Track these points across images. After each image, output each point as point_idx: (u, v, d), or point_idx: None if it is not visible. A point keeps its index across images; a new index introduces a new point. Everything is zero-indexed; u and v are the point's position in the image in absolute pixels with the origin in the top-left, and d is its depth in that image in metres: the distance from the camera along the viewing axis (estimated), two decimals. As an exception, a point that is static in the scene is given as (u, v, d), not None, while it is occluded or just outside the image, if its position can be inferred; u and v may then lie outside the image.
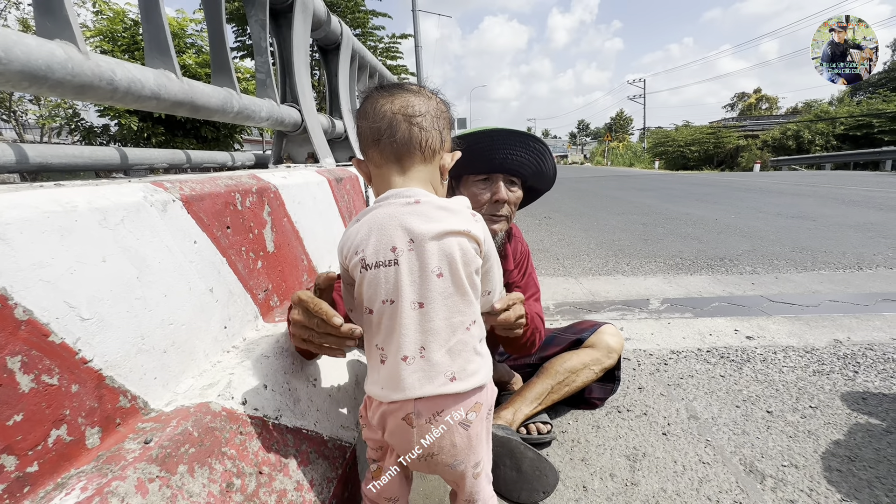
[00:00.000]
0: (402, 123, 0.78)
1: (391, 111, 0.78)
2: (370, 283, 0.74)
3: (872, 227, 4.39)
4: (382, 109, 0.79)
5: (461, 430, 0.76)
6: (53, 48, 0.88)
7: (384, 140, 0.78)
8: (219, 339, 1.00)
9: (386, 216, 0.75)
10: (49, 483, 0.60)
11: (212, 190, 1.03)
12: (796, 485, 1.08)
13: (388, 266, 0.73)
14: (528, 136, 1.23)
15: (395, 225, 0.74)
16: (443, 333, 0.74)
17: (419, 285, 0.73)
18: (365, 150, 0.82)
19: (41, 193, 0.67)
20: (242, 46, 13.38)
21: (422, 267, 0.73)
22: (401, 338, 0.73)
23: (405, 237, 0.73)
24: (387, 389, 0.74)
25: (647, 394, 1.54)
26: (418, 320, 0.73)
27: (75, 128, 8.56)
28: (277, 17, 2.38)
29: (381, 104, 0.79)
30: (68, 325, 0.64)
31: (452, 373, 0.74)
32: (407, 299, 0.73)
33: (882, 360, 1.71)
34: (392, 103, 0.79)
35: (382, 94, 0.80)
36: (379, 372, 0.76)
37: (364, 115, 0.80)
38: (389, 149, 0.79)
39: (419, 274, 0.73)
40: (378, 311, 0.74)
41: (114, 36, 7.98)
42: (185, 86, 1.36)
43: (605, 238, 4.46)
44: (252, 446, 0.84)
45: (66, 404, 0.63)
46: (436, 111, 0.81)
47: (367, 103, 0.81)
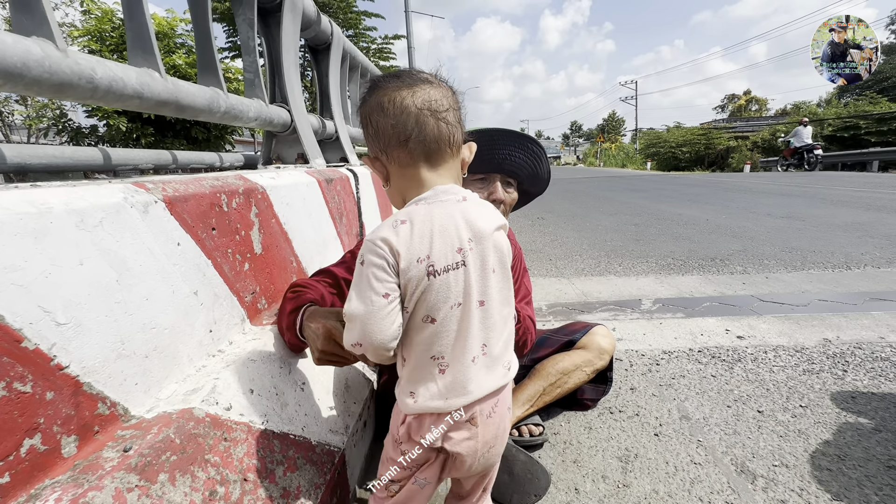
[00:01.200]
0: (429, 119, 0.72)
1: (415, 106, 0.72)
2: (438, 289, 0.69)
3: (860, 227, 4.44)
4: (404, 104, 0.72)
5: (507, 414, 0.80)
6: (30, 45, 0.86)
7: (413, 139, 0.72)
8: (204, 342, 0.98)
9: (444, 216, 0.71)
10: (22, 494, 0.57)
11: (196, 191, 1.01)
12: (787, 484, 1.08)
13: (456, 268, 0.70)
14: (527, 138, 1.23)
15: (456, 224, 0.71)
16: (498, 327, 0.75)
17: (481, 283, 0.72)
18: (386, 149, 0.74)
19: (14, 194, 0.65)
20: (233, 47, 13.28)
21: (483, 264, 0.73)
22: (468, 340, 0.72)
23: (466, 236, 0.71)
24: (451, 398, 0.72)
25: (639, 394, 1.54)
26: (481, 318, 0.73)
27: (63, 128, 8.44)
28: (266, 17, 2.35)
29: (400, 98, 0.72)
30: (42, 330, 0.62)
31: (507, 362, 0.77)
32: (474, 299, 0.72)
33: (870, 359, 1.72)
34: (414, 97, 0.72)
35: (399, 86, 0.73)
36: (437, 382, 0.72)
37: (381, 110, 0.72)
38: (420, 148, 0.73)
39: (481, 272, 0.72)
40: (444, 318, 0.70)
41: (102, 36, 7.89)
42: (169, 85, 1.33)
43: (598, 238, 4.47)
44: (237, 453, 0.82)
45: (40, 412, 0.61)
46: (454, 103, 0.77)
47: (382, 96, 0.73)
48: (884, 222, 4.67)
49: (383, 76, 0.77)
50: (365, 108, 0.76)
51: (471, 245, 0.71)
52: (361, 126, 0.78)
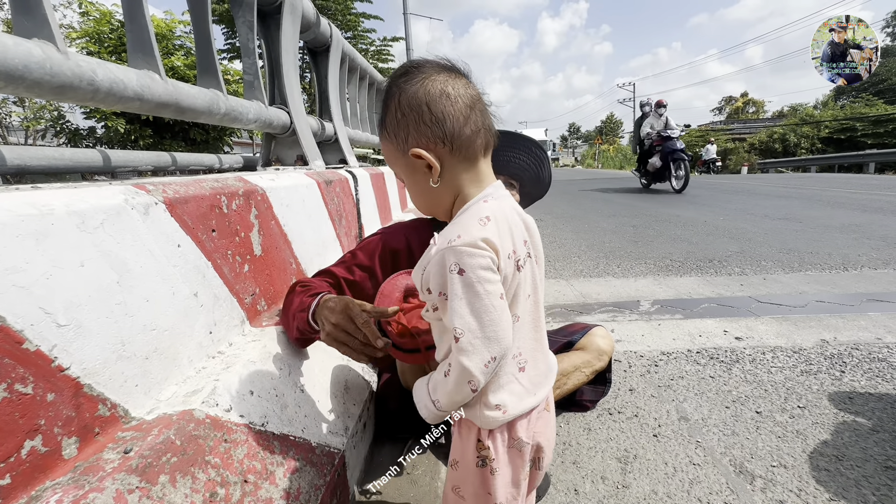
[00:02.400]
0: (486, 112, 0.71)
1: (476, 96, 0.69)
2: (521, 283, 0.67)
3: (857, 229, 4.46)
4: (470, 93, 0.68)
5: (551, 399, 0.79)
6: (31, 47, 0.86)
7: (483, 132, 0.69)
8: (203, 344, 0.98)
9: (510, 210, 0.69)
10: (22, 496, 0.57)
11: (196, 192, 1.01)
12: (785, 485, 1.09)
13: (529, 259, 0.70)
14: (531, 142, 1.23)
15: (518, 220, 0.71)
16: (542, 318, 0.75)
17: (538, 285, 0.73)
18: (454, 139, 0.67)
19: (16, 196, 0.65)
20: (233, 48, 13.28)
21: (538, 255, 0.74)
22: (541, 330, 0.73)
23: (525, 231, 0.71)
24: (532, 393, 0.70)
25: (637, 395, 1.54)
26: (532, 322, 0.73)
27: (60, 130, 8.43)
28: (265, 19, 2.36)
29: (463, 88, 0.68)
30: (44, 331, 0.62)
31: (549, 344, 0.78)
32: (540, 289, 0.73)
33: (868, 360, 1.73)
34: (471, 89, 0.69)
35: (455, 75, 0.69)
36: (521, 382, 0.69)
37: (448, 98, 0.67)
38: (485, 137, 0.70)
39: (540, 276, 0.74)
40: (523, 312, 0.69)
41: (100, 37, 7.88)
42: (169, 87, 1.33)
43: (596, 240, 4.48)
44: (237, 454, 0.82)
45: (41, 414, 0.61)
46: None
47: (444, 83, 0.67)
48: (880, 224, 4.70)
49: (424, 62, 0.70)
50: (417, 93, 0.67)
51: (526, 237, 0.71)
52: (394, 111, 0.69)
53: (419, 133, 0.67)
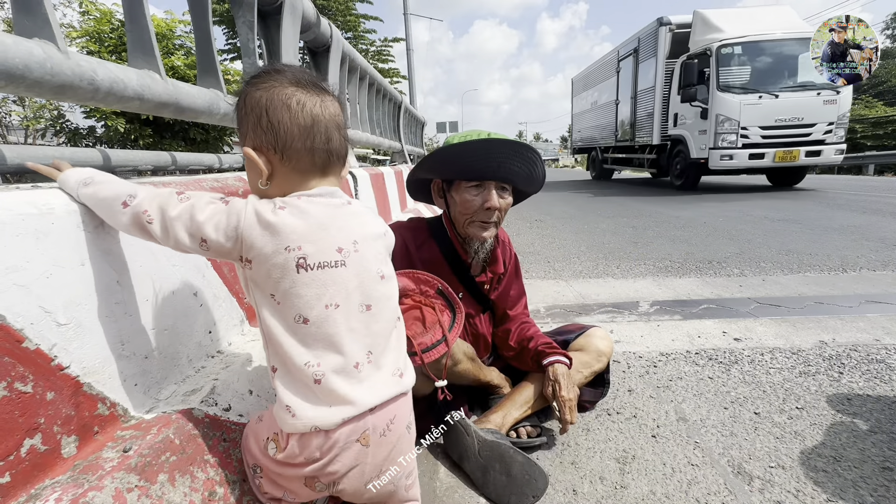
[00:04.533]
0: (334, 133, 0.73)
1: (324, 117, 0.72)
2: (312, 285, 0.67)
3: (856, 230, 4.47)
4: (314, 113, 0.71)
5: (407, 434, 0.75)
6: (32, 47, 0.86)
7: (319, 150, 0.72)
8: (203, 343, 0.98)
9: (327, 216, 0.71)
10: (22, 494, 0.58)
11: (196, 192, 1.01)
12: (783, 486, 1.09)
13: (335, 267, 0.68)
14: (522, 146, 1.22)
15: (339, 225, 0.71)
16: (385, 333, 0.74)
17: (367, 286, 0.72)
18: (284, 149, 0.70)
19: (16, 195, 0.66)
20: (233, 49, 13.29)
21: (367, 268, 0.72)
22: (350, 344, 0.69)
23: (350, 238, 0.71)
24: (335, 408, 0.67)
25: (636, 396, 1.55)
26: (366, 323, 0.71)
27: (60, 129, 8.43)
28: (266, 19, 2.36)
29: (311, 105, 0.71)
30: (43, 330, 0.62)
31: (398, 369, 0.74)
32: (355, 301, 0.70)
33: (866, 361, 1.73)
34: (323, 108, 0.72)
35: (307, 91, 0.72)
36: (315, 393, 0.67)
37: (287, 109, 0.70)
38: (323, 157, 0.73)
39: (366, 275, 0.72)
40: (318, 318, 0.67)
41: (101, 37, 7.89)
42: (169, 87, 1.34)
43: (596, 241, 4.48)
44: (236, 454, 0.82)
45: (40, 412, 0.61)
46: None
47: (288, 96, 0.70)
48: (879, 225, 4.70)
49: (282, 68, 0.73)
50: (261, 97, 0.70)
51: (355, 247, 0.71)
52: (240, 108, 0.73)
53: (255, 134, 0.71)
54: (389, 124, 6.13)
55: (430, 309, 1.12)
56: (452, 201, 1.30)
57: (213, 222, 0.67)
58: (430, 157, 1.27)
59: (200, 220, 0.67)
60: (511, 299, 1.50)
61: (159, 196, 0.68)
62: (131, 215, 0.67)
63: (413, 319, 1.10)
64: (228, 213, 0.68)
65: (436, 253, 1.35)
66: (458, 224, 1.31)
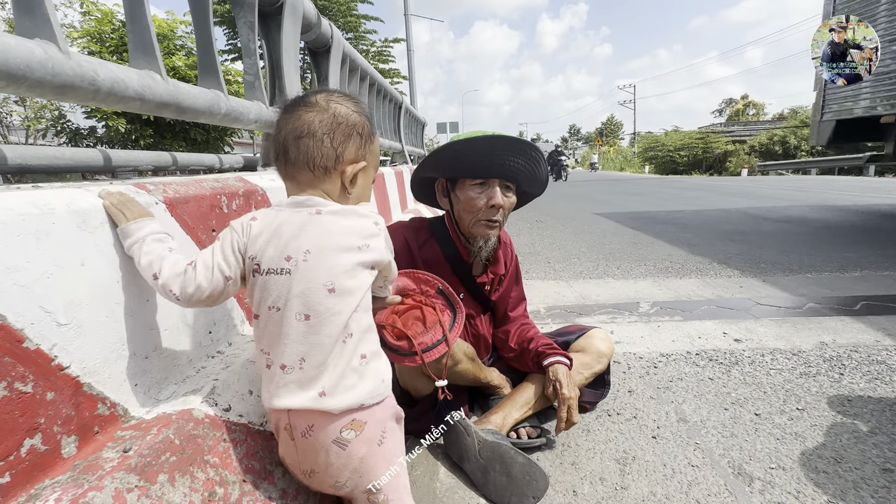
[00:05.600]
0: (291, 145, 0.79)
1: (284, 133, 0.80)
2: (261, 288, 0.75)
3: (856, 231, 4.46)
4: (282, 131, 0.81)
5: (335, 448, 0.75)
6: (33, 47, 0.86)
7: (280, 160, 0.82)
8: (203, 344, 0.98)
9: (285, 223, 0.76)
10: (22, 494, 0.58)
11: (197, 192, 1.01)
12: (784, 487, 1.09)
13: (279, 274, 0.74)
14: (526, 144, 1.23)
15: (293, 234, 0.75)
16: (324, 348, 0.73)
17: (310, 297, 0.73)
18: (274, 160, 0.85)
19: (17, 195, 0.66)
20: (234, 49, 13.30)
21: (315, 279, 0.73)
22: (284, 346, 0.73)
23: (302, 247, 0.74)
24: (271, 396, 0.75)
25: (636, 397, 1.55)
26: (303, 332, 0.73)
27: (61, 129, 8.44)
28: (266, 19, 2.36)
29: (282, 123, 0.81)
30: (44, 330, 0.62)
31: (323, 388, 0.73)
32: (293, 310, 0.73)
33: (866, 362, 1.73)
34: (286, 124, 0.80)
35: (286, 112, 0.82)
36: (265, 375, 0.77)
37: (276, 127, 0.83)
38: (283, 170, 0.82)
39: (310, 286, 0.73)
40: (264, 317, 0.76)
41: (102, 37, 7.90)
42: (170, 87, 1.34)
43: (596, 241, 4.48)
44: (236, 454, 0.82)
45: (40, 412, 0.61)
46: (329, 126, 0.79)
47: (279, 117, 0.83)
48: (880, 226, 4.70)
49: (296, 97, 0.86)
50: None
51: (305, 257, 0.73)
52: None
53: None
54: (390, 125, 6.13)
55: (431, 309, 1.12)
56: (457, 200, 1.30)
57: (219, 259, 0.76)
58: (435, 154, 1.28)
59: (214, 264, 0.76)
60: (512, 301, 1.50)
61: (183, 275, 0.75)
62: (160, 287, 0.75)
63: (414, 319, 1.10)
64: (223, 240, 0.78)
65: (437, 253, 1.35)
66: (463, 223, 1.31)
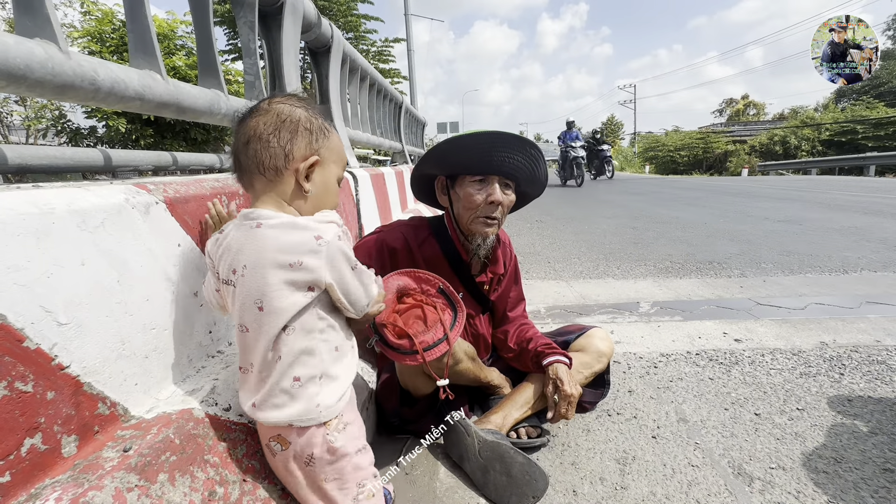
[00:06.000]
0: (241, 153, 0.81)
1: (235, 143, 0.82)
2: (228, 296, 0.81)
3: (857, 231, 4.46)
4: (234, 143, 0.82)
5: (269, 454, 0.81)
6: (33, 47, 0.86)
7: (236, 171, 0.84)
8: (203, 343, 0.98)
9: (233, 238, 0.79)
10: (22, 494, 0.58)
11: (197, 192, 1.01)
12: (784, 487, 1.09)
13: (229, 285, 0.78)
14: (526, 142, 1.24)
15: (238, 248, 0.77)
16: (258, 363, 0.77)
17: (244, 311, 0.76)
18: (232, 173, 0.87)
19: (17, 195, 0.66)
20: (234, 49, 13.30)
21: (248, 294, 0.76)
22: (239, 352, 0.81)
23: (241, 262, 0.76)
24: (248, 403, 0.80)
25: (636, 397, 1.55)
26: (245, 343, 0.78)
27: (61, 129, 8.43)
28: (266, 19, 2.36)
29: (234, 135, 0.83)
30: (44, 330, 0.62)
31: (254, 401, 0.77)
32: (237, 320, 0.78)
33: (867, 363, 1.73)
34: (236, 134, 0.82)
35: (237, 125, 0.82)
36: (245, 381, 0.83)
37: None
38: (241, 180, 0.84)
39: (245, 300, 0.76)
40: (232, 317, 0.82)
41: (102, 37, 7.90)
42: (170, 87, 1.34)
43: (596, 241, 4.48)
44: (236, 453, 0.82)
45: (41, 412, 0.61)
46: (273, 125, 0.78)
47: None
48: (880, 227, 4.70)
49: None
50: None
51: (242, 272, 0.76)
52: None
53: None
54: (390, 125, 6.13)
55: (432, 308, 1.12)
56: (456, 197, 1.30)
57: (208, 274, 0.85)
58: (436, 149, 1.28)
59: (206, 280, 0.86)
60: (511, 301, 1.50)
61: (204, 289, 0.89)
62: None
63: (414, 318, 1.10)
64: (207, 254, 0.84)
65: (436, 251, 1.35)
66: (462, 220, 1.31)
